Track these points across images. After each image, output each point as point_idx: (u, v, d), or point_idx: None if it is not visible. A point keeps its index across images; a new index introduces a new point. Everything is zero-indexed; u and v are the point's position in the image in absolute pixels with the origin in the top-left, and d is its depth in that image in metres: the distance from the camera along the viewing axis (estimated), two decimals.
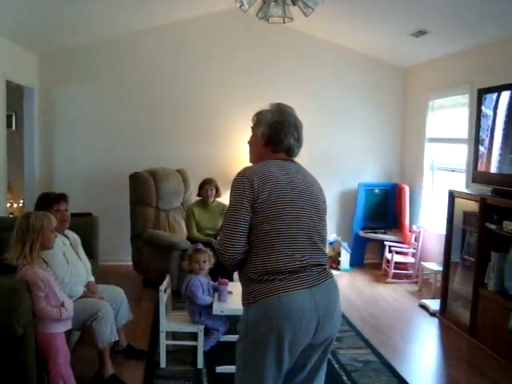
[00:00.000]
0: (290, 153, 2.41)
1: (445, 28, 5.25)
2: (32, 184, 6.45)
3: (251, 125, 2.45)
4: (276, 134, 2.34)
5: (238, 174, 2.24)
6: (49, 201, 3.67)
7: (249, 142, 2.47)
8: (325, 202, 2.39)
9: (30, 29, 5.48)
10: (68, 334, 3.25)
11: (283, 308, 2.07)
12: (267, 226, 2.14)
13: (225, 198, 6.03)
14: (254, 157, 2.43)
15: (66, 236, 3.76)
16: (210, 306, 3.79)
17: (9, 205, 6.70)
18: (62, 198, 3.75)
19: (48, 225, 2.96)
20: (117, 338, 3.56)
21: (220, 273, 4.50)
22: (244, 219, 2.14)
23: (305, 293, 2.10)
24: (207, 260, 4.02)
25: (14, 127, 7.25)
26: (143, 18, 6.17)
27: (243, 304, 2.23)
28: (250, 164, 2.41)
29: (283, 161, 2.34)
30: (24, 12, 4.93)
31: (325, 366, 2.32)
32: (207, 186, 5.61)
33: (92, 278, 3.85)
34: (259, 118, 2.40)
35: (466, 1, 4.49)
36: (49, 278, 2.94)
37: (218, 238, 2.21)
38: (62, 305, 2.97)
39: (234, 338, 4.00)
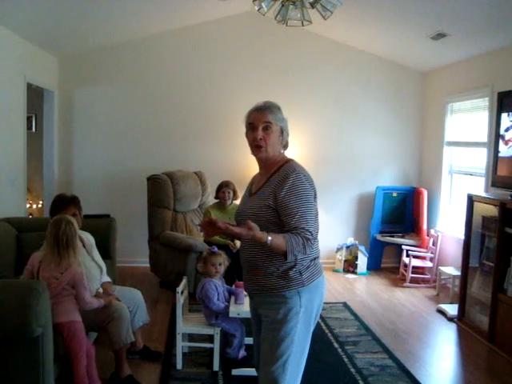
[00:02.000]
0: None
1: (464, 31, 5.20)
2: (51, 185, 6.52)
3: (269, 117, 2.46)
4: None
5: (301, 174, 2.37)
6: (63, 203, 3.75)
7: (270, 138, 2.46)
8: None
9: (50, 31, 5.55)
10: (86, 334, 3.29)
11: (324, 283, 2.48)
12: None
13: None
14: (273, 153, 2.48)
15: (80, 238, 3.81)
16: (226, 311, 3.78)
17: (28, 206, 6.77)
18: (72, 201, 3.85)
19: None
20: (133, 339, 3.57)
21: (237, 276, 4.50)
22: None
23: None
24: (222, 263, 4.00)
25: (33, 129, 7.34)
26: (163, 20, 6.22)
27: (290, 291, 2.33)
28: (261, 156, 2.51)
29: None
30: (45, 15, 5.00)
31: None
32: (225, 189, 5.61)
33: (108, 279, 3.87)
34: (281, 119, 2.49)
35: (485, 3, 4.44)
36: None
37: (306, 229, 2.25)
38: None
39: (251, 341, 4.01)
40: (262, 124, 2.45)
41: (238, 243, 5.41)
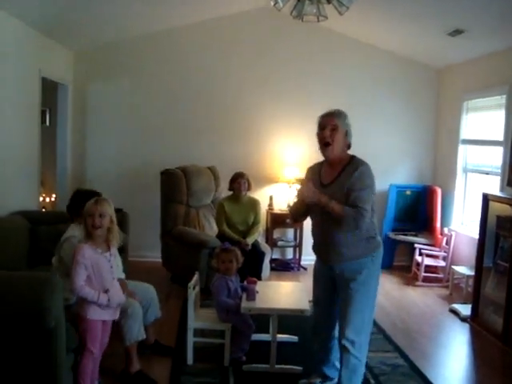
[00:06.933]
0: None
1: (482, 27, 5.13)
2: (64, 179, 6.55)
3: (336, 121, 3.09)
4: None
5: (369, 166, 3.17)
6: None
7: (336, 137, 3.08)
8: None
9: (65, 25, 5.56)
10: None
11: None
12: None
13: (255, 194, 6.04)
14: (337, 150, 3.12)
15: None
16: (236, 308, 3.76)
17: (41, 199, 6.80)
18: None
19: (86, 210, 3.04)
20: (144, 337, 3.56)
21: (249, 272, 4.48)
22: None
23: None
24: (233, 260, 3.95)
25: (47, 123, 7.36)
26: (178, 14, 6.21)
27: (365, 256, 3.11)
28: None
29: None
30: (60, 9, 5.00)
31: None
32: (240, 180, 5.56)
33: (122, 275, 3.87)
34: (346, 124, 3.12)
35: None
36: (98, 260, 3.00)
37: (363, 208, 3.02)
38: (106, 292, 3.01)
39: (262, 337, 4.02)
40: (329, 126, 3.06)
41: (249, 241, 5.39)
